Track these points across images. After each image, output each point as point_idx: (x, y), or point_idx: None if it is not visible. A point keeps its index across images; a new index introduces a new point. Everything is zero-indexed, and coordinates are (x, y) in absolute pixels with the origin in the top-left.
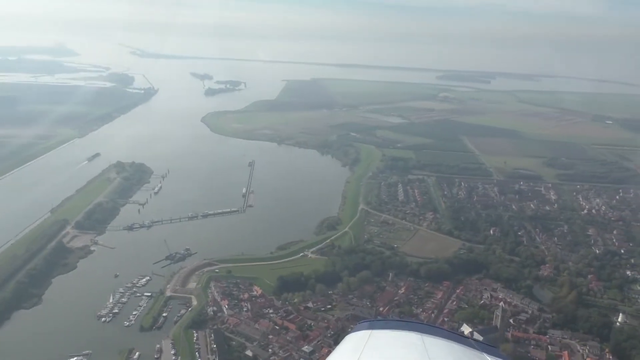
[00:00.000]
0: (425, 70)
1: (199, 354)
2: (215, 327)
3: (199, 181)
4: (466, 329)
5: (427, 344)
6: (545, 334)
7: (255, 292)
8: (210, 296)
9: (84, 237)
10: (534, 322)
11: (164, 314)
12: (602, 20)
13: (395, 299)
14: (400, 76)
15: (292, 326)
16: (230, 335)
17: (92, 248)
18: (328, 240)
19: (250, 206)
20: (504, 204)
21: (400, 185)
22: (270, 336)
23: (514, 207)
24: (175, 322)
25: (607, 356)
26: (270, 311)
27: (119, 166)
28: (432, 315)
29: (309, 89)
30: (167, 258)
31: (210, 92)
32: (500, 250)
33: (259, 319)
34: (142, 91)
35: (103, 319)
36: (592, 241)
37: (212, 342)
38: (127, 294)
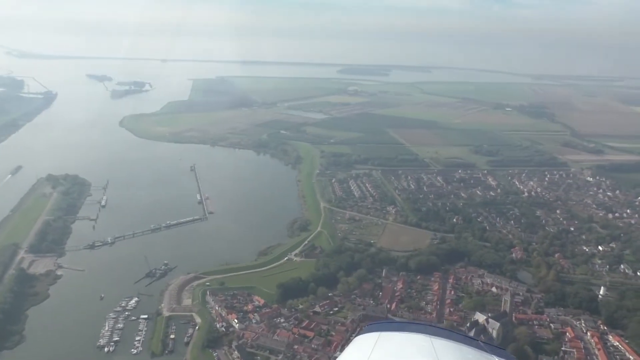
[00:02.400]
0: (325, 65)
1: None
2: (238, 343)
3: (144, 190)
4: (480, 317)
5: (436, 345)
6: (542, 313)
7: (257, 302)
8: (214, 311)
9: (44, 261)
10: (529, 303)
11: (171, 336)
12: (468, 14)
13: (397, 294)
14: (303, 72)
15: (309, 333)
16: (252, 350)
17: (58, 272)
18: (306, 242)
19: (212, 213)
20: (453, 193)
21: (351, 181)
22: (295, 346)
23: (462, 194)
24: (187, 344)
25: (602, 327)
26: (282, 320)
27: (52, 180)
28: (437, 306)
29: (218, 87)
30: (147, 275)
31: (116, 95)
32: (471, 238)
33: (274, 330)
34: (41, 96)
35: (106, 349)
36: (544, 222)
37: (238, 359)
38: (120, 318)
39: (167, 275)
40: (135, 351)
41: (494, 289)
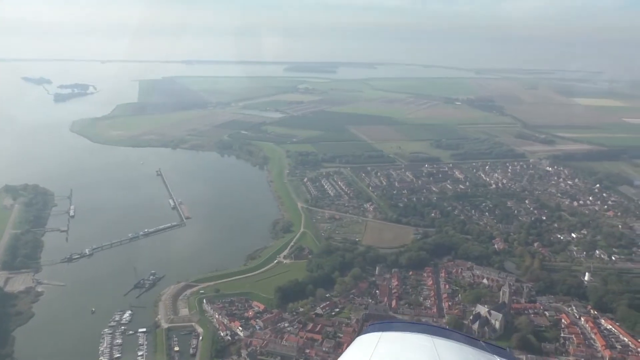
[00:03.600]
0: (270, 63)
1: None
2: (248, 351)
3: (111, 198)
4: (482, 310)
5: (437, 346)
6: (534, 302)
7: (257, 308)
8: (215, 320)
9: (20, 277)
10: (521, 293)
11: (176, 349)
12: (407, 11)
13: (394, 292)
14: (249, 70)
15: (317, 336)
16: (263, 358)
17: (38, 289)
18: (292, 244)
19: (189, 218)
20: (424, 187)
21: (323, 180)
22: (307, 350)
23: (434, 188)
24: (193, 355)
25: (592, 312)
26: (286, 325)
27: (11, 191)
28: (436, 301)
29: (166, 88)
30: (136, 286)
31: (60, 98)
32: (452, 231)
33: (281, 335)
34: None
35: None
36: (516, 212)
37: None
38: (117, 333)
39: (156, 285)
40: None
41: (485, 281)
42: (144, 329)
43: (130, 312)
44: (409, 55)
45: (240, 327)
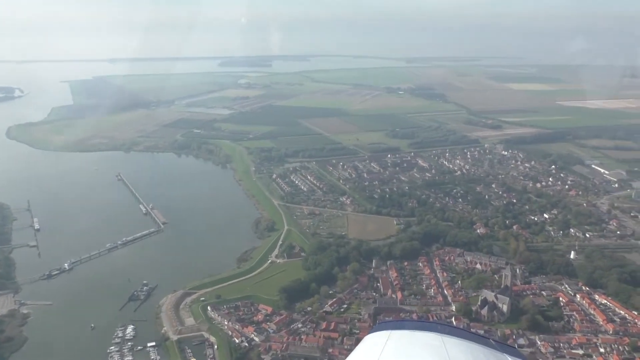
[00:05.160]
0: (204, 58)
1: None
2: (270, 356)
3: (75, 207)
4: (489, 295)
5: (447, 344)
6: (529, 283)
7: (265, 311)
8: (226, 327)
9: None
10: (515, 275)
11: None
12: (330, 3)
13: (396, 283)
14: (183, 67)
15: (334, 335)
16: None
17: (23, 311)
18: (281, 242)
19: (165, 223)
20: (393, 177)
21: (292, 175)
22: (330, 350)
23: (403, 178)
24: None
25: (585, 289)
26: (299, 325)
27: None
28: (438, 290)
29: (100, 88)
30: (130, 299)
31: None
32: (434, 219)
33: (299, 337)
34: None
35: None
36: (487, 197)
37: None
38: (125, 350)
39: (151, 297)
40: None
41: (478, 266)
42: (153, 343)
43: (132, 326)
44: (339, 46)
45: (254, 332)
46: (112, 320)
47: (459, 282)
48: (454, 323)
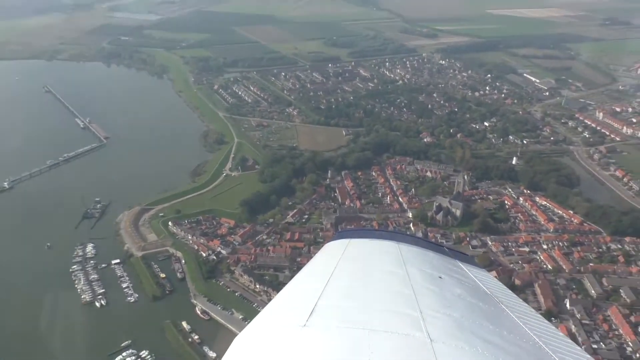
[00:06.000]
0: None
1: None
2: (241, 267)
3: (3, 120)
4: (443, 201)
5: (402, 251)
6: (477, 188)
7: (228, 224)
8: (192, 241)
9: None
10: (465, 182)
11: (162, 275)
12: None
13: (353, 193)
14: None
15: (300, 244)
16: (257, 272)
17: None
18: (233, 155)
19: (107, 138)
20: (337, 88)
21: (235, 86)
22: (298, 259)
23: (346, 88)
24: (183, 279)
25: (526, 192)
26: (264, 237)
27: None
28: (394, 198)
29: None
30: (85, 217)
31: None
32: (383, 129)
33: (266, 248)
34: None
35: (97, 304)
36: (430, 106)
37: (254, 282)
38: (88, 268)
39: (105, 214)
40: (133, 299)
41: (428, 174)
42: (117, 260)
43: (92, 244)
44: None
45: (220, 246)
46: (68, 239)
47: (413, 189)
48: (412, 229)
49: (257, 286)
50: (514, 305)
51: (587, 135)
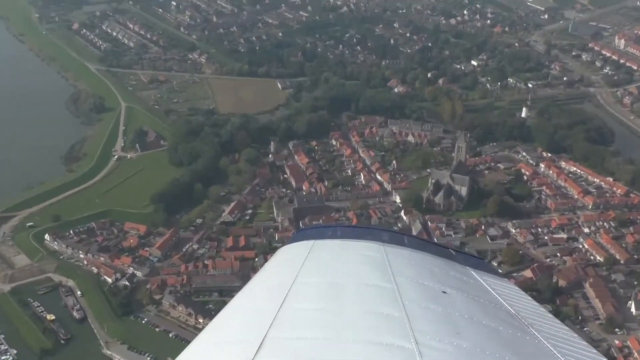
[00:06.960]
0: None
1: None
2: (175, 296)
3: None
4: (441, 176)
5: (390, 255)
6: (479, 154)
7: (137, 232)
8: (86, 261)
9: None
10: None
11: (50, 317)
12: None
13: (311, 172)
14: None
15: (248, 253)
16: (197, 299)
17: None
18: (123, 127)
19: None
20: (258, 20)
21: (106, 24)
22: (251, 274)
23: (271, 21)
24: (83, 320)
25: (546, 155)
26: (195, 247)
27: None
28: (370, 175)
29: None
30: None
31: None
32: (335, 77)
33: (202, 264)
34: None
35: None
36: (392, 41)
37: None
38: None
39: None
40: (10, 357)
41: (410, 138)
42: None
43: None
44: None
45: (133, 265)
46: None
47: (394, 162)
48: (405, 219)
49: (200, 320)
50: (550, 330)
51: (610, 72)
